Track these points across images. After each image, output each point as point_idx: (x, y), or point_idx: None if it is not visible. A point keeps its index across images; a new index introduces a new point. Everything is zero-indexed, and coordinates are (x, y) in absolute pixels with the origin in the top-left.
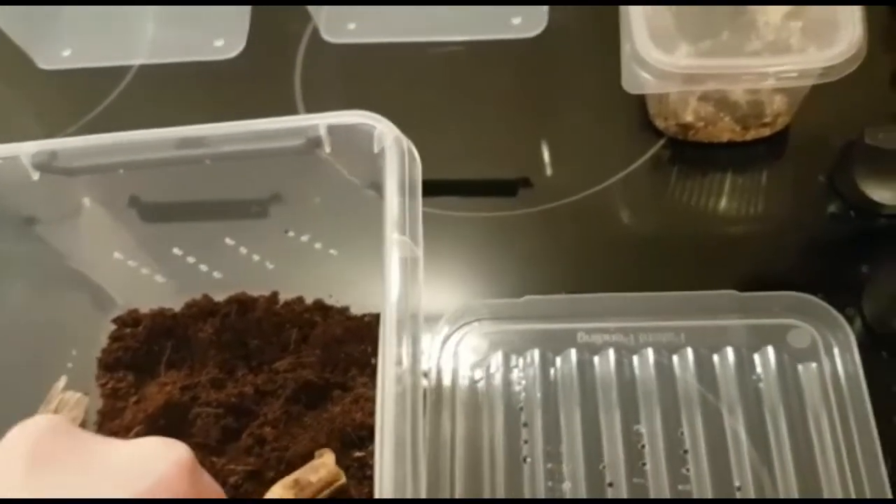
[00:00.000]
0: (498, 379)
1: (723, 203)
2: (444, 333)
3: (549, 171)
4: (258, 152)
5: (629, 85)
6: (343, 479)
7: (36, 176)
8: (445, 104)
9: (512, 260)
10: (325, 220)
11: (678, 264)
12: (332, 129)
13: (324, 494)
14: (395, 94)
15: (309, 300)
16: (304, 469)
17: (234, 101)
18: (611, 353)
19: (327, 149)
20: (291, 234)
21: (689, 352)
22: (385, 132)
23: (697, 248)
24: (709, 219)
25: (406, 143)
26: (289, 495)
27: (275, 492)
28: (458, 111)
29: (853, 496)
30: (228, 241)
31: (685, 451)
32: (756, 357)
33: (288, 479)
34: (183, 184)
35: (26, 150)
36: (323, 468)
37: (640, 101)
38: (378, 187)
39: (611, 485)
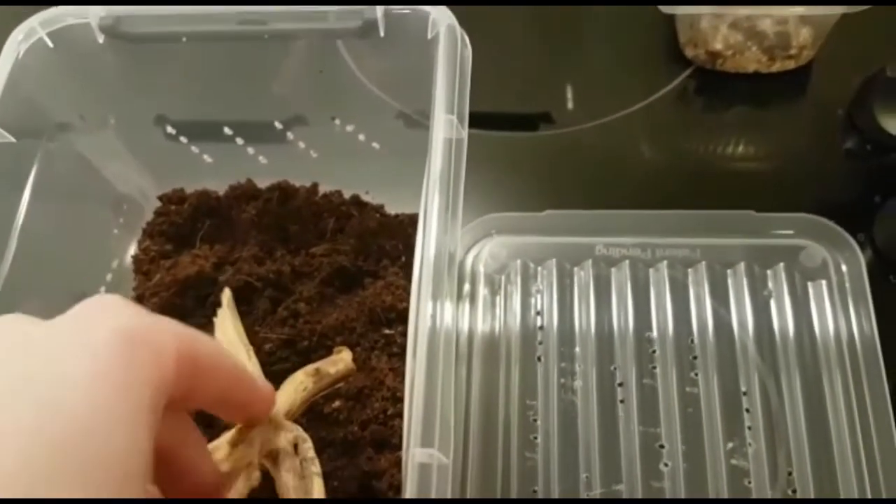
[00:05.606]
0: (516, 284)
1: (744, 133)
2: (465, 243)
3: (577, 95)
4: (314, 31)
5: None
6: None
7: (101, 39)
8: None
9: (534, 178)
10: (372, 110)
11: (697, 188)
12: (387, 13)
13: (336, 386)
14: None
15: (347, 195)
16: (324, 361)
17: None
18: (627, 265)
19: (381, 33)
20: (337, 122)
21: (703, 266)
22: (440, 18)
23: (716, 174)
24: (729, 147)
25: (459, 30)
26: (309, 382)
27: (297, 377)
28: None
29: (854, 404)
30: (277, 125)
31: (694, 358)
32: (769, 273)
33: (310, 368)
34: (238, 64)
35: (94, 13)
36: (341, 362)
37: (671, 31)
38: (429, 77)
39: (621, 384)
